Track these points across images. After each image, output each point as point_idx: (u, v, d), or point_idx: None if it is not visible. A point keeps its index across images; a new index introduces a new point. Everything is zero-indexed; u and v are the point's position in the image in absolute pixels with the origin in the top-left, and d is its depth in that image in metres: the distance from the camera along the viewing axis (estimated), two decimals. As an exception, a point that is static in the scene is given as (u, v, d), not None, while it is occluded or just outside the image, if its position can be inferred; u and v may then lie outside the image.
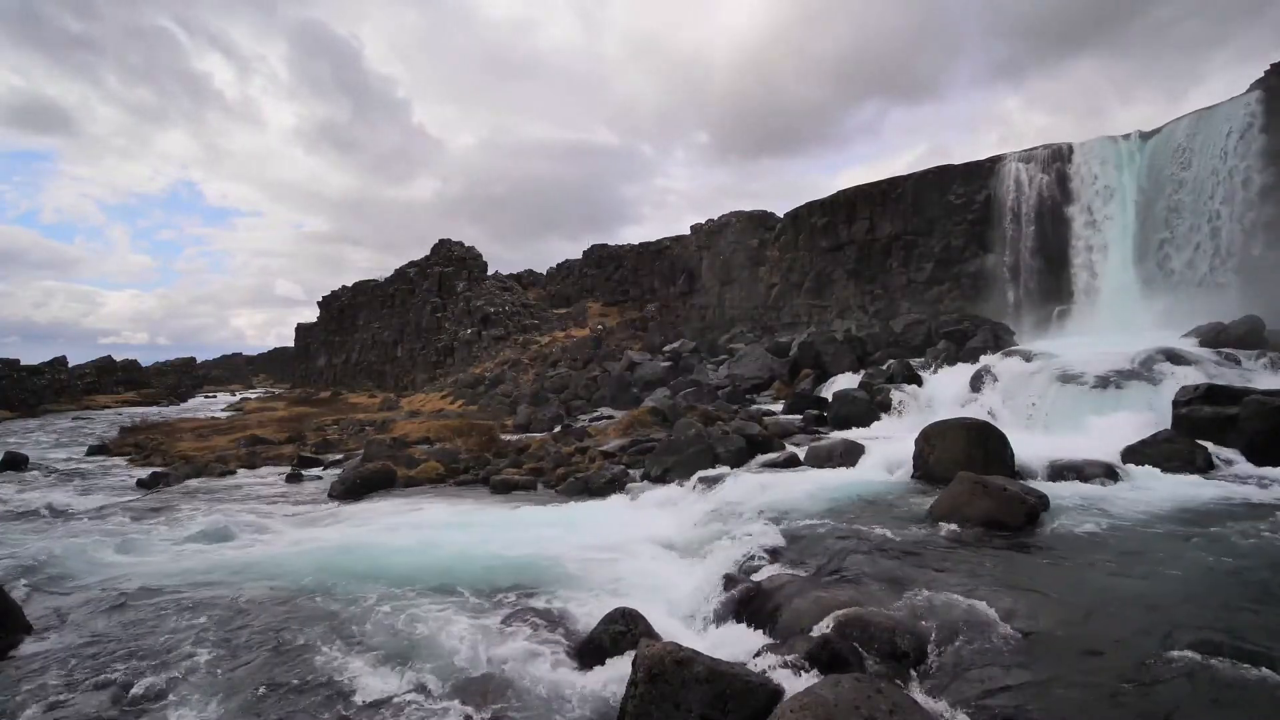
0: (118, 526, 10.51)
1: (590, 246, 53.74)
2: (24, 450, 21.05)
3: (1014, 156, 25.79)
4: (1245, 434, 9.13)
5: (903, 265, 28.83)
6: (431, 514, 10.44)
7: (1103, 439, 10.19)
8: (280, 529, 9.88)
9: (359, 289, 58.88)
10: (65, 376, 54.88)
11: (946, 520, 6.76)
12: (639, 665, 3.83)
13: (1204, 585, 4.89)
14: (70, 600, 6.91)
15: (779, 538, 6.78)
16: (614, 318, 45.13)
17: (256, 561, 7.93)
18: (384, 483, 13.04)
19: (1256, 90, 19.88)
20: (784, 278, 34.57)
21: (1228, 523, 6.37)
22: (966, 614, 4.52)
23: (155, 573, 7.68)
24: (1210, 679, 3.58)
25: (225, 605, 6.51)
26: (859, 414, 14.72)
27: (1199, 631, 4.08)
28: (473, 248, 48.90)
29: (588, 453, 14.07)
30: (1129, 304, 21.75)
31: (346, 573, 7.12)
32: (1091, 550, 5.82)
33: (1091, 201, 23.40)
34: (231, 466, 17.31)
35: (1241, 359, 13.03)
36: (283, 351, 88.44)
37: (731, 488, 9.21)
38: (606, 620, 5.19)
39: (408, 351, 49.53)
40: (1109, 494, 7.71)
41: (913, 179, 28.83)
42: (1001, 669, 3.92)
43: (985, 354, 17.06)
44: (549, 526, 9.11)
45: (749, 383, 22.18)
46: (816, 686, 3.41)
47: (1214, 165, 20.28)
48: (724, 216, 40.72)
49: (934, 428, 9.23)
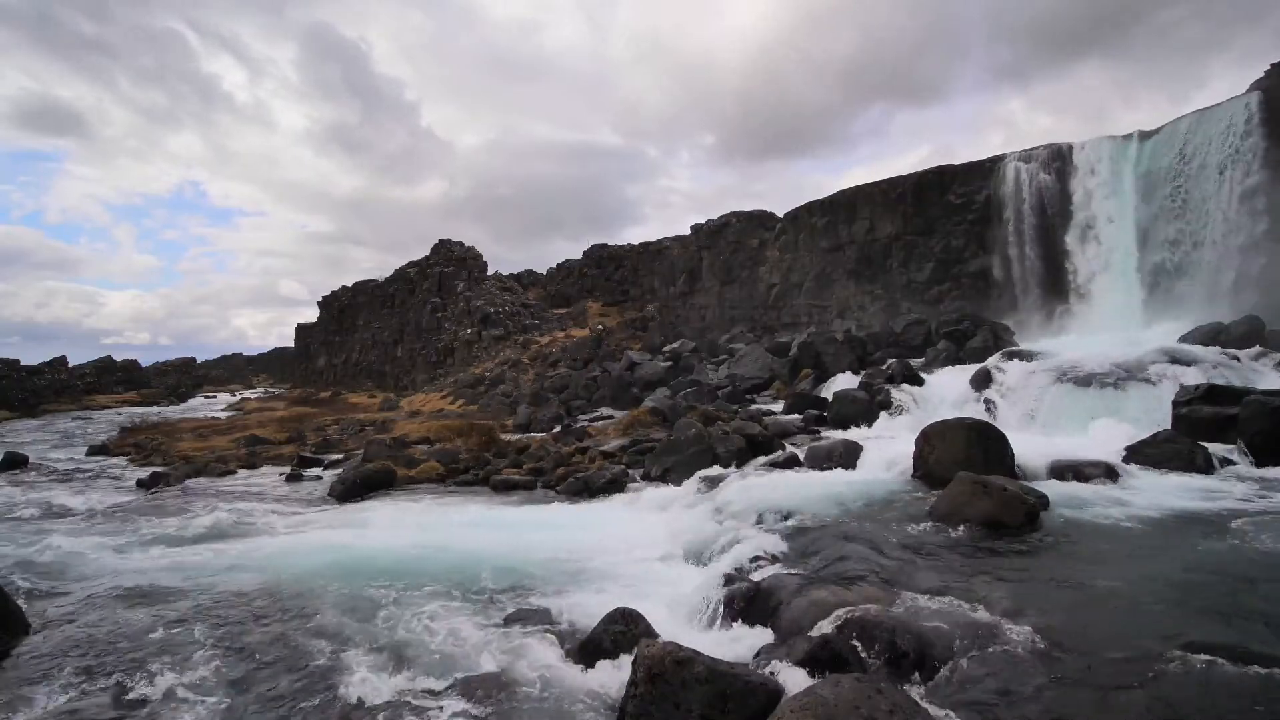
0: (117, 526, 10.51)
1: (590, 246, 53.67)
2: (24, 450, 21.06)
3: (1014, 156, 25.78)
4: (1245, 434, 9.12)
5: (903, 265, 28.82)
6: (431, 514, 10.43)
7: (1103, 439, 10.18)
8: (280, 529, 9.89)
9: (359, 289, 58.84)
10: (65, 376, 54.90)
11: (946, 520, 6.75)
12: (639, 665, 3.83)
13: (1205, 585, 4.89)
14: (70, 600, 6.91)
15: (779, 538, 6.78)
16: (614, 318, 45.12)
17: (256, 561, 7.93)
18: (384, 483, 13.04)
19: (1256, 90, 19.89)
20: (784, 278, 34.57)
21: (1228, 523, 6.36)
22: (967, 614, 4.53)
23: (154, 572, 7.68)
24: (1211, 679, 3.57)
25: (225, 605, 6.51)
26: (859, 414, 14.71)
27: (1199, 631, 4.08)
28: (473, 248, 48.89)
29: (588, 453, 14.06)
30: (1129, 304, 21.76)
31: (346, 572, 7.12)
32: (1091, 550, 5.82)
33: (1092, 201, 23.39)
34: (231, 466, 17.31)
35: (1241, 359, 13.04)
36: (283, 351, 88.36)
37: (731, 488, 9.20)
38: (606, 620, 5.19)
39: (408, 351, 49.52)
40: (1109, 494, 7.70)
41: (913, 179, 28.82)
42: (1001, 669, 3.91)
43: (985, 354, 17.06)
44: (549, 526, 9.12)
45: (749, 383, 22.18)
46: (816, 686, 3.41)
47: (1214, 165, 20.28)
48: (724, 216, 40.66)
49: (934, 428, 9.22)
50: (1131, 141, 22.80)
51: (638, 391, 24.59)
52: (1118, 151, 23.06)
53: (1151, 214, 21.87)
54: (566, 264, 55.80)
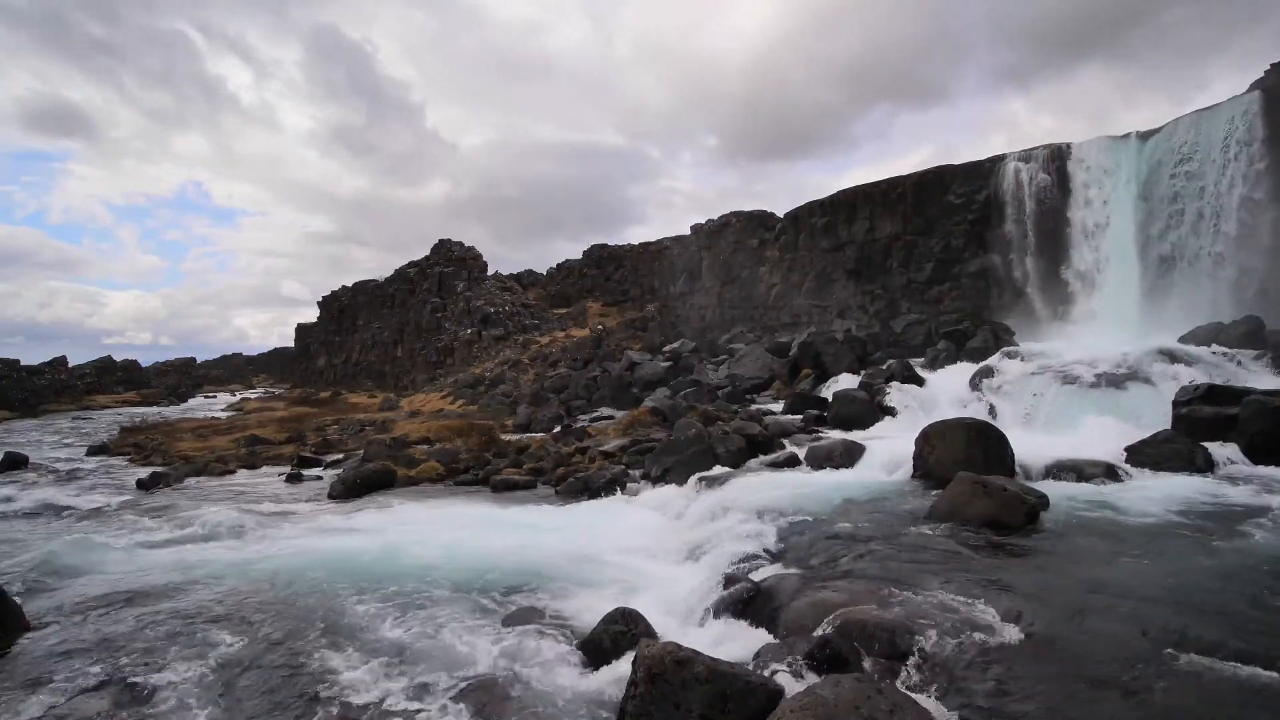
0: (117, 526, 10.51)
1: (590, 246, 53.61)
2: (24, 450, 21.04)
3: (1014, 156, 25.79)
4: (1245, 434, 9.12)
5: (903, 265, 28.83)
6: (431, 514, 10.43)
7: (1103, 439, 10.18)
8: (280, 529, 9.88)
9: (359, 289, 58.85)
10: (65, 376, 54.92)
11: (946, 520, 6.75)
12: (639, 665, 3.83)
13: (1204, 585, 4.89)
14: (69, 599, 6.90)
15: (779, 538, 6.78)
16: (614, 318, 45.10)
17: (256, 561, 7.93)
18: (384, 483, 13.04)
19: (1256, 90, 19.90)
20: (784, 278, 34.58)
21: (1228, 523, 6.36)
22: (966, 614, 4.52)
23: (154, 572, 7.68)
24: (1211, 679, 3.57)
25: (225, 605, 6.51)
26: (859, 414, 14.71)
27: (1200, 631, 4.08)
28: (473, 248, 48.91)
29: (588, 453, 14.06)
30: (1129, 304, 21.76)
31: (346, 572, 7.13)
32: (1092, 550, 5.81)
33: (1091, 201, 23.41)
34: (231, 466, 17.31)
35: (1241, 359, 13.04)
36: (283, 351, 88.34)
37: (731, 488, 9.20)
38: (606, 620, 5.19)
39: (408, 351, 49.53)
40: (1109, 494, 7.70)
41: (913, 179, 28.83)
42: (1001, 669, 3.91)
43: (985, 354, 17.06)
44: (549, 527, 9.11)
45: (749, 383, 22.17)
46: (816, 686, 3.41)
47: (1214, 165, 20.28)
48: (724, 216, 40.66)
49: (934, 428, 9.22)
50: (1131, 141, 22.81)
51: (638, 391, 24.59)
52: (1117, 151, 23.07)
53: (1151, 214, 21.87)
54: (566, 264, 55.77)
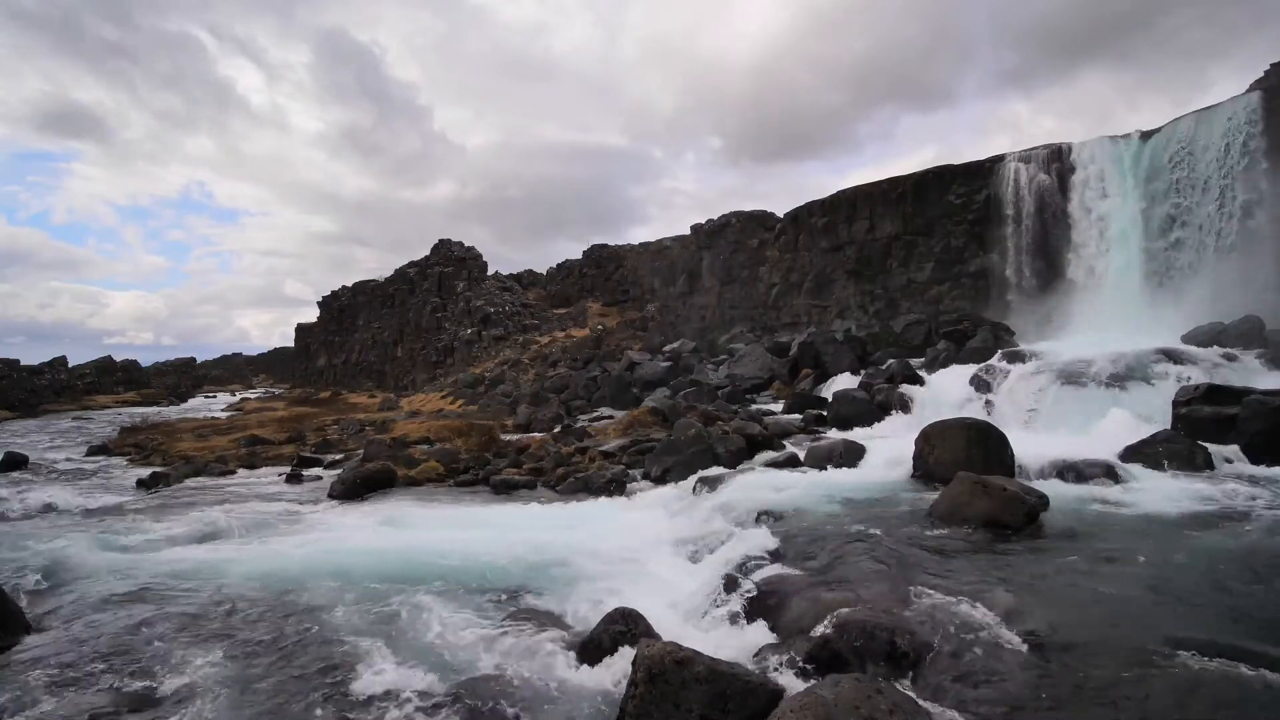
0: (117, 526, 10.50)
1: (590, 246, 53.45)
2: (24, 450, 21.05)
3: (1014, 156, 25.76)
4: (1245, 434, 9.13)
5: (903, 265, 28.81)
6: (431, 514, 10.44)
7: (1103, 439, 10.18)
8: (280, 529, 9.88)
9: (359, 289, 58.86)
10: (65, 376, 54.94)
11: (946, 520, 6.75)
12: (639, 665, 3.83)
13: (1204, 585, 4.89)
14: (70, 600, 6.90)
15: (779, 538, 6.77)
16: (614, 318, 45.09)
17: (256, 561, 7.93)
18: (384, 483, 13.04)
19: (1256, 90, 19.89)
20: (784, 278, 34.55)
21: (1227, 523, 6.37)
22: (966, 614, 4.52)
23: (155, 573, 7.67)
24: (1211, 679, 3.57)
25: (224, 605, 6.51)
26: (859, 414, 14.71)
27: (1199, 631, 4.08)
28: (473, 248, 48.92)
29: (588, 453, 14.06)
30: (1129, 303, 21.73)
31: (346, 572, 7.13)
32: (1091, 550, 5.81)
33: (1091, 201, 23.38)
34: (231, 467, 17.32)
35: (1241, 359, 13.03)
36: (283, 351, 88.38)
37: (731, 488, 9.20)
38: (606, 620, 5.18)
39: (408, 351, 49.54)
40: (1109, 494, 7.71)
41: (913, 179, 28.79)
42: (1001, 669, 3.91)
43: (985, 354, 17.05)
44: (549, 527, 9.12)
45: (749, 383, 22.17)
46: (816, 686, 3.41)
47: (1214, 164, 20.27)
48: (724, 216, 40.60)
49: (934, 428, 9.22)
50: (1131, 141, 22.79)
51: (638, 391, 24.57)
52: (1118, 151, 23.04)
53: (1151, 213, 21.85)
54: (566, 264, 55.63)
